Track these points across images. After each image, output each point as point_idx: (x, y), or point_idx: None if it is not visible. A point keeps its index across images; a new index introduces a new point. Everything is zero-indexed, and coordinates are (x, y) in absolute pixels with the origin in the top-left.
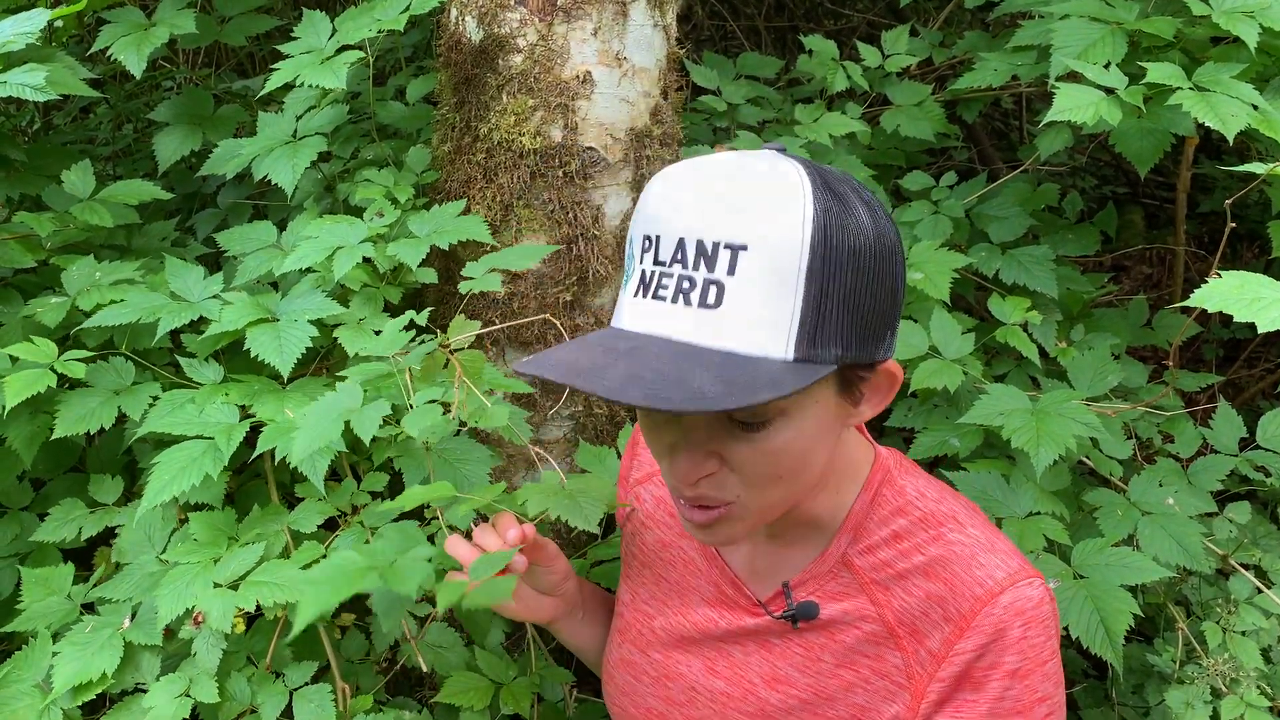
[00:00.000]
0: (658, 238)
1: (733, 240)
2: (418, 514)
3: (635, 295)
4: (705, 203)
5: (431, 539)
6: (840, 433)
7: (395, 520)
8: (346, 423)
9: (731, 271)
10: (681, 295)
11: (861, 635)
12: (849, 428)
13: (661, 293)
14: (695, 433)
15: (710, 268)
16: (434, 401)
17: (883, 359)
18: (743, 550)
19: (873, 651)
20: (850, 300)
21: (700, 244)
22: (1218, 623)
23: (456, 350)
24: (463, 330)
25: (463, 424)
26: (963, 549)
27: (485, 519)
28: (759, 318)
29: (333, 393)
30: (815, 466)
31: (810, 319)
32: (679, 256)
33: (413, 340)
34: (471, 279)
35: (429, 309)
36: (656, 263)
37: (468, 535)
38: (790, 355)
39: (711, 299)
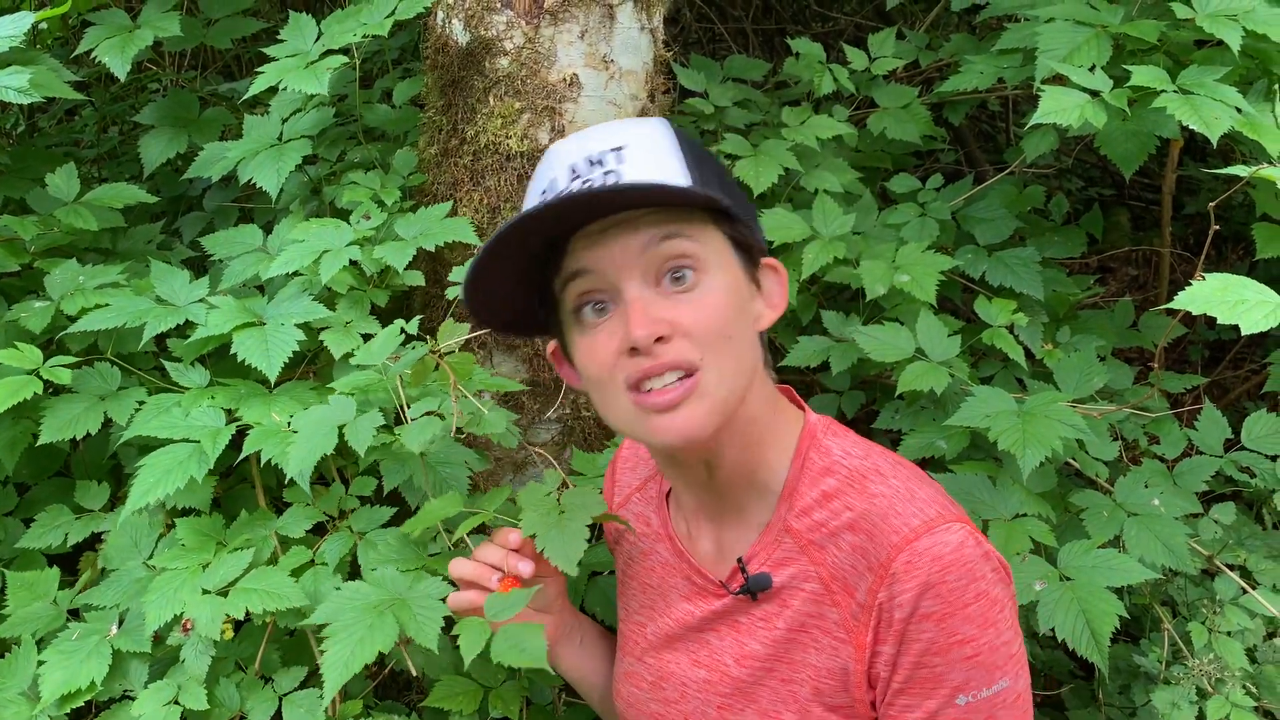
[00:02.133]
0: (551, 180)
1: (613, 144)
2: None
3: (540, 202)
4: (578, 139)
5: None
6: (755, 323)
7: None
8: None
9: (620, 161)
10: (586, 182)
11: (806, 596)
12: (769, 326)
13: (571, 188)
14: (643, 293)
15: (603, 165)
16: (431, 414)
17: (760, 242)
18: (705, 540)
19: (816, 610)
20: (711, 165)
21: (588, 159)
22: (1203, 623)
23: (447, 355)
24: (452, 334)
25: (459, 430)
26: (883, 500)
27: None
28: (658, 173)
29: (325, 406)
30: (747, 341)
31: (693, 168)
32: (574, 175)
33: (403, 345)
34: (458, 284)
35: (418, 316)
36: (564, 185)
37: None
38: (688, 182)
39: (614, 181)
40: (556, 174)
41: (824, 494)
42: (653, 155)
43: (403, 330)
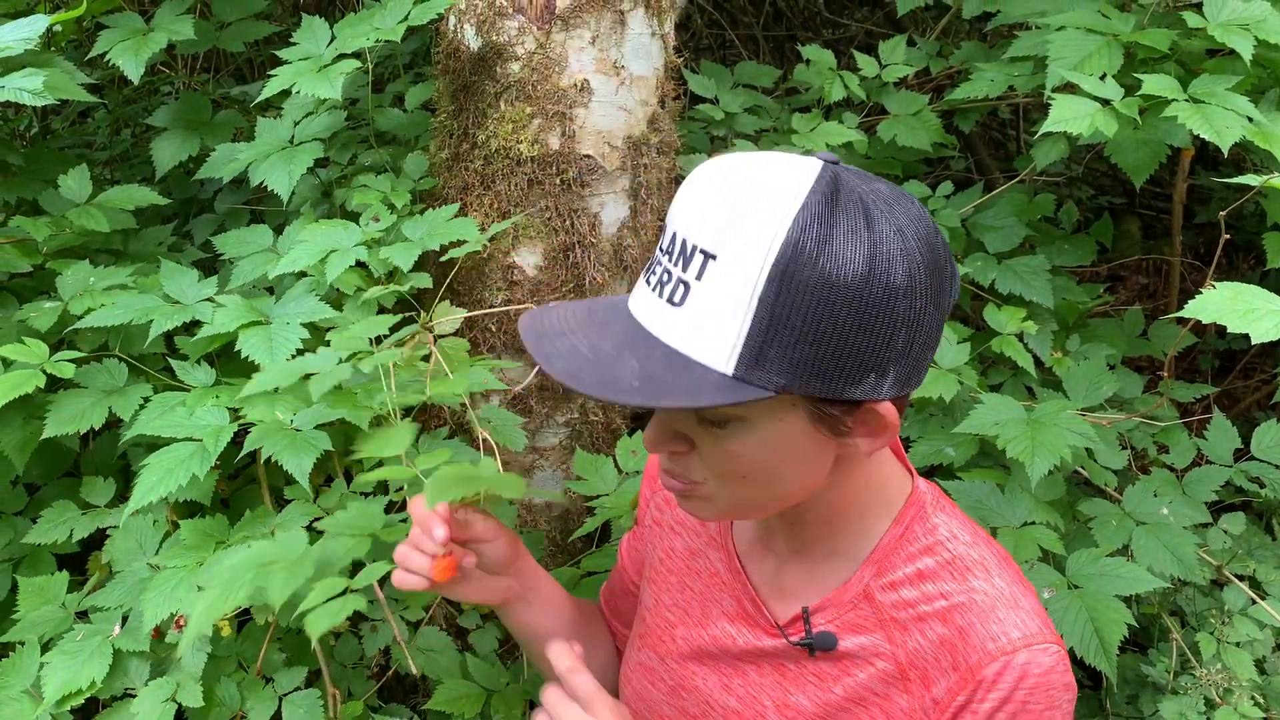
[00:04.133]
0: (669, 227)
1: (707, 248)
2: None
3: (643, 273)
4: (708, 204)
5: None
6: (828, 460)
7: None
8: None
9: (699, 278)
10: (660, 285)
11: (875, 673)
12: (867, 456)
13: (650, 278)
14: (665, 413)
15: (685, 268)
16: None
17: (865, 399)
18: (767, 567)
19: (883, 690)
20: (811, 333)
21: (684, 243)
22: (1212, 633)
23: (440, 337)
24: (447, 314)
25: (455, 431)
26: (985, 599)
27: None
28: (709, 327)
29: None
30: (790, 481)
31: (756, 342)
32: (669, 249)
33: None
34: (465, 243)
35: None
36: (661, 250)
37: None
38: (730, 370)
39: (678, 298)
40: (672, 222)
41: (919, 572)
42: (722, 300)
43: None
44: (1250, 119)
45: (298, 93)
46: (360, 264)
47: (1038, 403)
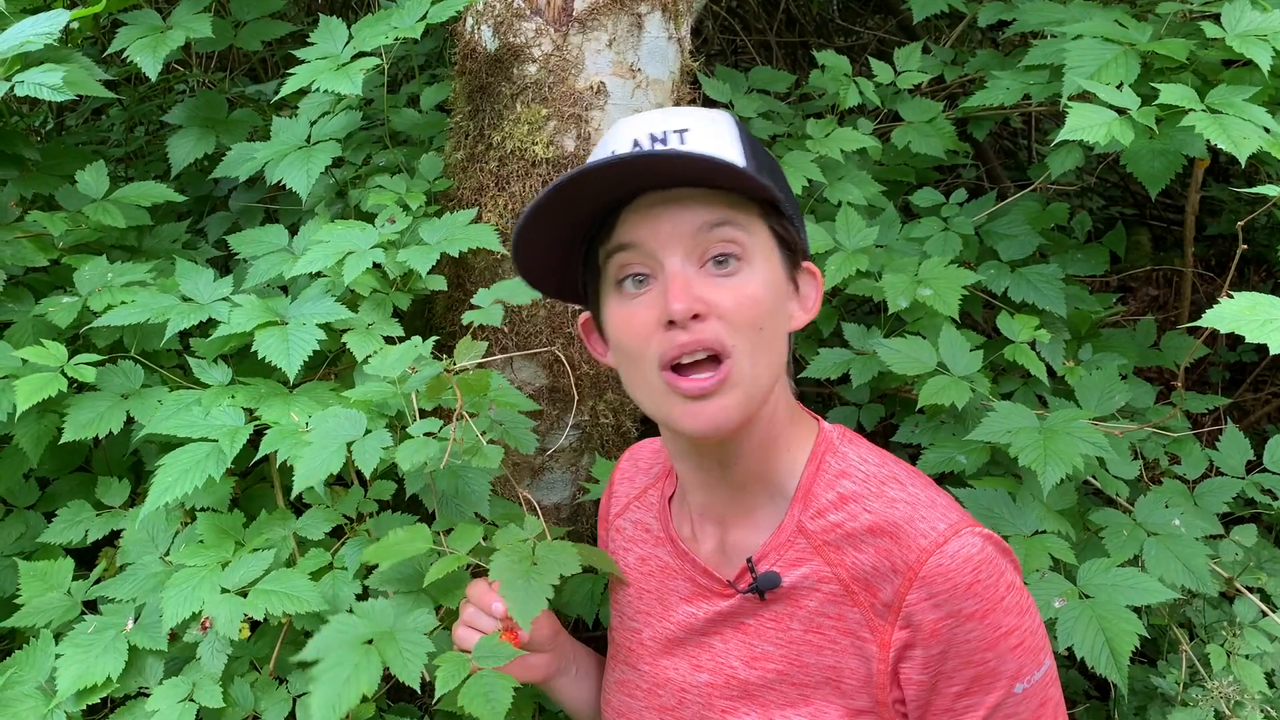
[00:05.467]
0: (613, 151)
1: (678, 125)
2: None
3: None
4: (644, 117)
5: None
6: (787, 322)
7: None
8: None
9: (682, 141)
10: (655, 141)
11: (823, 597)
12: (805, 320)
13: (642, 147)
14: (685, 269)
15: (665, 143)
16: (431, 435)
17: (800, 242)
18: (711, 541)
19: (835, 611)
20: (768, 160)
21: (650, 135)
22: (1222, 645)
23: (461, 372)
24: (470, 352)
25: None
26: (905, 506)
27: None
28: (718, 152)
29: (336, 419)
30: (779, 339)
31: (749, 155)
32: (636, 146)
33: (420, 359)
34: (478, 308)
35: (434, 338)
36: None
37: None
38: (743, 164)
39: (676, 142)
40: (618, 145)
41: (840, 496)
42: (716, 139)
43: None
44: (1267, 130)
45: (316, 91)
46: (376, 265)
47: (1050, 411)
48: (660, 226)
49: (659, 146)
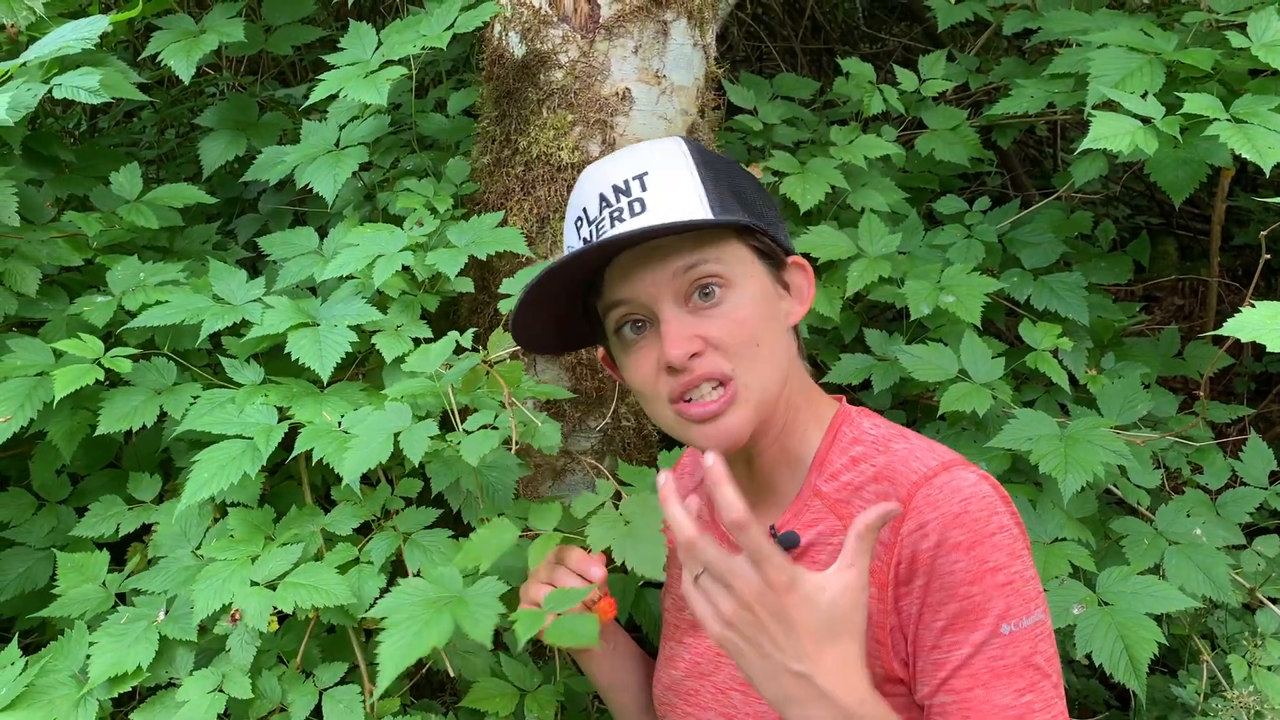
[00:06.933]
0: (584, 209)
1: (636, 171)
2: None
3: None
4: (605, 167)
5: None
6: (785, 320)
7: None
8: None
9: (644, 188)
10: (617, 223)
11: (834, 548)
12: (800, 315)
13: (602, 229)
14: (676, 315)
15: (629, 194)
16: (487, 426)
17: (784, 243)
18: None
19: None
20: (728, 178)
21: (614, 186)
22: (1243, 656)
23: (496, 364)
24: (501, 344)
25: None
26: (904, 451)
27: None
28: (679, 201)
29: (381, 412)
30: (779, 342)
31: (711, 191)
32: (605, 204)
33: (454, 354)
34: (508, 294)
35: (472, 330)
36: (590, 222)
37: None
38: (712, 215)
39: (639, 209)
40: (588, 203)
41: (852, 459)
42: (673, 177)
43: (457, 342)
44: None
45: (344, 97)
46: (405, 268)
47: (1071, 419)
48: (642, 282)
49: (624, 202)
